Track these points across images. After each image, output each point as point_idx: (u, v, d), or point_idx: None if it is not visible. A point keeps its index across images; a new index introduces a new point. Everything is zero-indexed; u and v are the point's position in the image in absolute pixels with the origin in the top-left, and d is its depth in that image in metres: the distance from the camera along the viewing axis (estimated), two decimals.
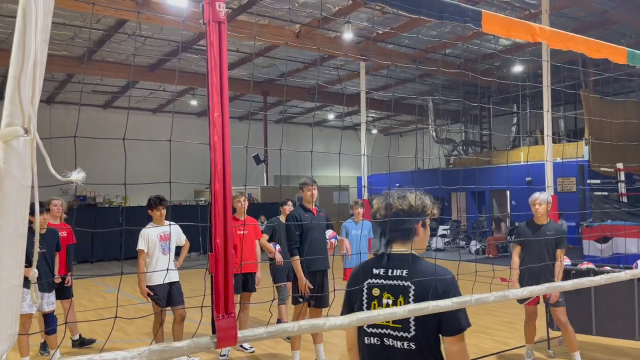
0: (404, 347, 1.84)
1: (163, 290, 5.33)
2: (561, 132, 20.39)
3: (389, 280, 1.91)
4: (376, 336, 1.89)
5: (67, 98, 21.04)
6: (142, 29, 14.43)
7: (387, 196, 2.00)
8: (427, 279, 1.85)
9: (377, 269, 1.96)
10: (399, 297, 1.86)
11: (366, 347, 1.93)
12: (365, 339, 1.93)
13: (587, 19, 14.58)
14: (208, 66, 1.42)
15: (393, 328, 1.86)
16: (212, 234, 1.39)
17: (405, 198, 1.98)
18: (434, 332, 1.85)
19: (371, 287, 1.94)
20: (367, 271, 1.99)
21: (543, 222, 5.05)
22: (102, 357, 1.19)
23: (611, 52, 2.50)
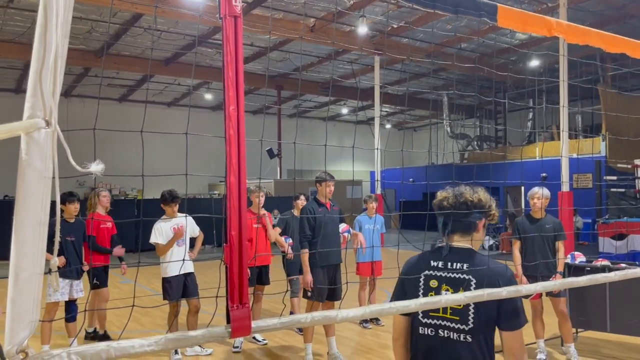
0: (459, 339, 1.88)
1: (178, 282, 5.40)
2: (578, 128, 20.15)
3: (449, 273, 1.94)
4: (431, 327, 1.93)
5: (84, 91, 21.27)
6: (158, 23, 14.52)
7: (459, 187, 2.06)
8: (489, 274, 1.90)
9: (435, 261, 2.00)
10: (459, 290, 1.89)
11: (420, 337, 1.97)
12: (420, 329, 1.97)
13: (606, 13, 14.36)
14: (224, 60, 1.44)
15: (450, 320, 1.90)
16: (227, 226, 1.41)
17: (476, 192, 2.03)
18: (491, 327, 1.90)
19: (428, 279, 1.97)
20: (424, 263, 2.03)
21: (541, 216, 5.21)
22: (120, 344, 1.23)
23: (629, 47, 2.47)
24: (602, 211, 12.92)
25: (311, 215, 5.02)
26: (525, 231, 5.15)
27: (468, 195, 2.01)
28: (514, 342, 1.89)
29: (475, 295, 1.80)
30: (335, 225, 5.20)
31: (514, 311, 1.89)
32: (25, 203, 1.12)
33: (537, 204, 5.18)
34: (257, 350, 5.81)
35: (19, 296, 1.12)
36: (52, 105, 1.13)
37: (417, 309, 1.81)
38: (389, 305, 1.72)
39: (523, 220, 5.32)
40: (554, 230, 5.12)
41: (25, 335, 1.13)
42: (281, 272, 6.65)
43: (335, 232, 5.18)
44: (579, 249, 9.97)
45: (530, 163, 18.78)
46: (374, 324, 6.81)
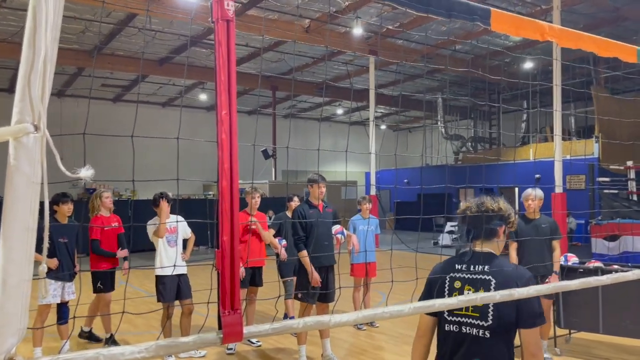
0: (479, 334, 2.05)
1: (172, 283, 5.38)
2: (571, 130, 20.24)
3: (471, 275, 2.13)
4: (455, 324, 2.11)
5: (77, 91, 21.18)
6: (152, 23, 14.47)
7: (480, 197, 2.27)
8: (508, 275, 2.07)
9: (459, 264, 2.19)
10: (479, 289, 2.07)
11: (446, 334, 2.15)
12: (446, 326, 2.15)
13: (599, 16, 14.44)
14: (216, 64, 1.43)
15: (472, 317, 2.06)
16: (219, 231, 1.40)
17: (496, 201, 2.25)
18: (511, 324, 2.04)
19: (453, 280, 2.16)
20: (449, 266, 2.22)
21: (535, 216, 5.29)
22: (110, 351, 1.21)
23: (621, 51, 2.48)
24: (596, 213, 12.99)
25: (303, 220, 5.01)
26: (521, 232, 5.18)
27: (489, 204, 2.22)
28: (530, 339, 2.04)
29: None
30: (327, 227, 5.18)
31: (531, 311, 2.03)
32: (14, 208, 1.11)
33: (531, 206, 5.25)
34: (251, 352, 5.80)
35: (7, 302, 1.10)
36: (41, 109, 1.12)
37: (410, 313, 1.81)
38: (382, 310, 1.72)
39: (519, 222, 5.34)
40: (550, 230, 5.20)
41: (14, 343, 1.12)
42: (275, 274, 6.64)
43: (326, 233, 5.16)
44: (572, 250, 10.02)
45: (524, 164, 18.86)
46: (368, 325, 6.81)
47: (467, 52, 18.10)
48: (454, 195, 22.27)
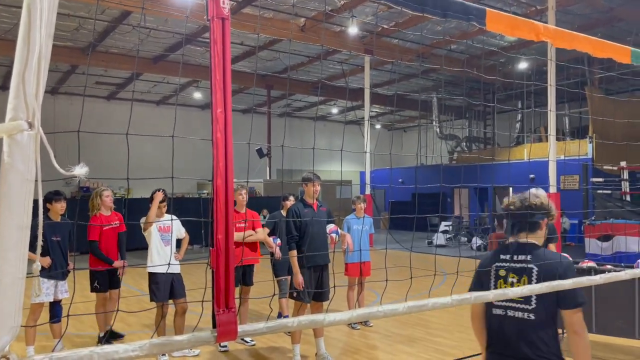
0: (524, 317, 2.25)
1: (165, 282, 5.36)
2: (565, 130, 20.32)
3: (514, 264, 2.33)
4: (501, 308, 2.31)
5: (71, 89, 21.08)
6: (147, 21, 14.42)
7: (522, 193, 2.44)
8: (549, 262, 2.26)
9: (504, 254, 2.39)
10: (522, 277, 2.28)
11: (493, 317, 2.35)
12: (493, 310, 2.35)
13: (594, 16, 14.51)
14: (211, 63, 1.43)
15: (516, 301, 2.26)
16: (213, 230, 1.40)
17: (538, 196, 2.41)
18: (553, 306, 2.25)
19: (498, 269, 2.36)
20: (495, 256, 2.41)
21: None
22: (104, 349, 1.21)
23: (615, 52, 2.49)
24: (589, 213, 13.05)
25: (297, 219, 5.01)
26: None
27: (532, 200, 2.39)
28: (573, 319, 2.24)
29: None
30: (322, 226, 5.18)
31: (572, 293, 2.22)
32: (8, 206, 1.10)
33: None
34: (245, 351, 5.79)
35: (1, 301, 1.10)
36: (35, 107, 1.12)
37: (404, 312, 1.81)
38: (376, 309, 1.72)
39: None
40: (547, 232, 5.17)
41: (7, 341, 1.11)
42: (269, 273, 6.64)
43: (321, 233, 5.16)
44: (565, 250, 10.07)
45: (518, 164, 18.92)
46: (362, 324, 6.82)
47: (462, 52, 18.14)
48: (448, 195, 22.33)
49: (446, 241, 16.93)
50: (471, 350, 5.73)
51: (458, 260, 2.68)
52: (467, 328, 6.65)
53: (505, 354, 2.29)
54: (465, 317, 7.15)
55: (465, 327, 6.72)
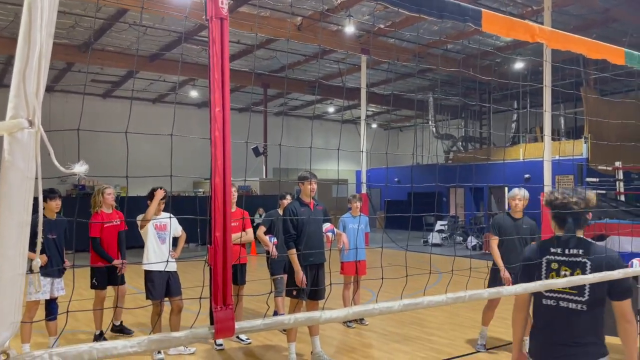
0: (576, 308, 2.38)
1: (161, 280, 5.37)
2: (561, 130, 20.40)
3: (567, 257, 2.44)
4: (553, 299, 2.44)
5: (67, 87, 21.01)
6: (143, 19, 14.39)
7: (569, 190, 2.56)
8: (600, 256, 2.38)
9: (554, 248, 2.50)
10: (576, 270, 2.40)
11: (543, 307, 2.47)
12: (543, 301, 2.47)
13: (589, 17, 14.57)
14: (210, 62, 1.44)
15: (569, 293, 2.40)
16: (211, 227, 1.41)
17: (583, 192, 2.53)
18: (603, 298, 2.38)
19: (550, 262, 2.47)
20: (544, 249, 2.52)
21: (520, 216, 5.45)
22: (103, 345, 1.22)
23: (609, 53, 2.52)
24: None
25: (294, 217, 5.03)
26: (505, 229, 5.37)
27: (582, 194, 2.52)
28: (625, 309, 2.38)
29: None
30: (318, 224, 5.19)
31: (623, 285, 2.37)
32: (8, 204, 1.11)
33: (518, 205, 5.39)
34: (241, 350, 5.81)
35: (1, 297, 1.11)
36: (36, 105, 1.13)
37: (399, 310, 1.83)
38: (372, 306, 1.74)
39: (504, 218, 5.51)
40: (531, 231, 5.40)
41: (7, 336, 1.12)
42: (265, 272, 6.66)
43: (317, 231, 5.17)
44: None
45: (514, 164, 18.98)
46: (357, 323, 6.84)
47: (459, 52, 18.19)
48: (444, 194, 22.38)
49: (442, 240, 16.97)
50: (465, 348, 5.77)
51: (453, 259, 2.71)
52: (461, 327, 6.69)
53: (555, 342, 2.40)
54: (461, 316, 7.20)
55: (460, 325, 6.75)
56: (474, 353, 5.62)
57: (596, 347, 2.39)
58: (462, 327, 6.67)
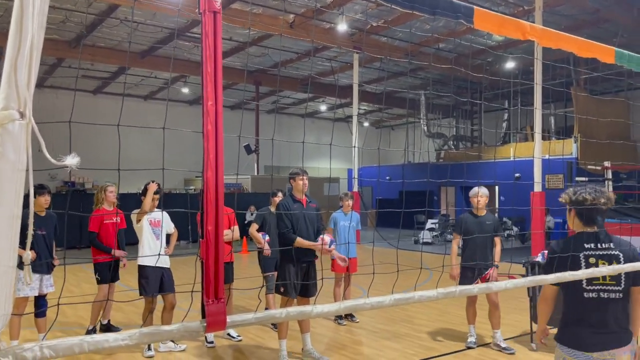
0: (615, 297, 2.61)
1: (155, 276, 5.36)
2: (551, 130, 20.54)
3: (602, 251, 2.64)
4: (594, 292, 2.62)
5: (56, 82, 20.85)
6: (135, 15, 14.30)
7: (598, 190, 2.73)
8: (628, 249, 2.66)
9: (587, 243, 2.68)
10: (612, 263, 2.60)
11: (585, 300, 2.63)
12: (585, 294, 2.63)
13: (580, 17, 14.67)
14: (203, 56, 1.44)
15: (609, 284, 2.61)
16: (204, 221, 1.41)
17: (606, 192, 2.74)
18: (630, 285, 2.64)
19: (587, 257, 2.65)
20: (578, 245, 2.69)
21: (482, 213, 5.70)
22: (94, 338, 1.22)
23: (600, 52, 2.54)
24: None
25: (287, 212, 5.02)
26: (468, 226, 5.61)
27: (607, 194, 2.73)
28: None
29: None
30: (311, 221, 5.19)
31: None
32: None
33: (480, 202, 5.63)
34: (232, 347, 5.80)
35: None
36: (27, 96, 1.12)
37: (390, 305, 1.84)
38: (363, 301, 1.75)
39: (467, 217, 5.75)
40: (494, 227, 5.66)
41: None
42: (257, 269, 6.65)
43: (310, 228, 5.17)
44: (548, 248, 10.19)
45: (504, 163, 19.10)
46: (348, 320, 6.86)
47: (451, 51, 18.25)
48: (435, 193, 22.47)
49: (432, 238, 17.04)
50: (455, 345, 5.80)
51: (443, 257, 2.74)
52: (451, 324, 6.73)
53: (598, 332, 2.60)
54: (450, 314, 7.24)
55: (450, 323, 6.79)
56: (463, 350, 5.65)
57: (628, 331, 2.66)
58: (451, 325, 6.71)
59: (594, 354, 2.57)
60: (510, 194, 17.50)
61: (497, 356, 5.43)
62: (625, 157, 15.98)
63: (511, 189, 16.69)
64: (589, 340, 2.59)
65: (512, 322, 6.72)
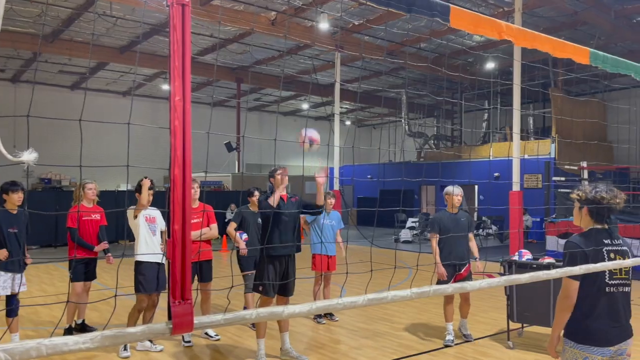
0: (627, 290, 2.78)
1: (152, 272, 5.27)
2: (530, 130, 20.82)
3: (617, 247, 2.78)
4: (614, 286, 2.73)
5: (33, 77, 20.45)
6: (113, 9, 14.08)
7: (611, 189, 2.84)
8: (627, 244, 2.86)
9: (605, 239, 2.79)
10: (625, 257, 2.77)
11: (607, 294, 2.71)
12: (606, 289, 2.71)
13: (559, 19, 14.87)
14: (170, 50, 1.39)
15: (625, 279, 2.76)
16: (170, 220, 1.37)
17: (618, 192, 2.84)
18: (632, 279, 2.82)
19: (609, 252, 2.76)
20: (598, 241, 2.77)
21: (456, 211, 5.88)
22: (52, 341, 1.17)
23: (575, 52, 2.55)
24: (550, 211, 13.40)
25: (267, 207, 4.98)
26: (445, 225, 5.75)
27: (622, 195, 2.84)
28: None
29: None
30: (292, 217, 5.13)
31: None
32: None
33: (454, 200, 5.80)
34: (210, 346, 5.74)
35: None
36: None
37: (363, 305, 1.82)
38: (336, 301, 1.72)
39: (443, 215, 5.92)
40: (468, 223, 5.87)
41: None
42: (235, 267, 6.60)
43: (290, 223, 5.12)
44: (527, 247, 10.31)
45: (484, 163, 19.29)
46: (327, 319, 6.84)
47: (431, 51, 18.35)
48: (416, 191, 22.60)
49: (412, 237, 17.13)
50: (434, 344, 5.83)
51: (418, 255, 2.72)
52: (430, 322, 6.76)
53: (616, 325, 2.71)
54: (430, 312, 7.28)
55: (429, 321, 6.82)
56: (441, 348, 5.68)
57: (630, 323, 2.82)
58: (430, 323, 6.74)
59: (613, 347, 2.67)
60: (490, 193, 17.68)
61: (474, 354, 5.47)
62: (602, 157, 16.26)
63: (490, 188, 16.86)
64: (611, 335, 2.68)
65: (489, 321, 6.78)
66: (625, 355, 2.73)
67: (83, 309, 6.32)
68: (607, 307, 2.71)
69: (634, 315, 2.94)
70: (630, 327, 2.78)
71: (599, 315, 2.69)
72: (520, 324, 6.05)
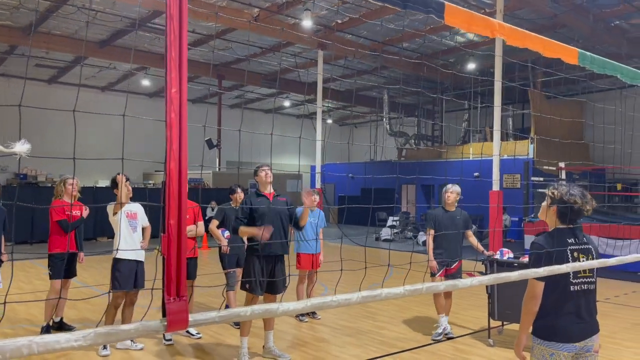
0: (592, 288, 2.82)
1: (130, 270, 5.18)
2: (509, 131, 21.08)
3: (580, 246, 2.82)
4: (579, 284, 2.77)
5: (9, 70, 20.00)
6: (93, 3, 13.83)
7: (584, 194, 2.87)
8: (594, 244, 2.90)
9: (569, 239, 2.82)
10: (589, 257, 2.80)
11: (571, 293, 2.75)
12: (571, 287, 2.74)
13: (539, 22, 15.06)
14: (167, 40, 1.36)
15: (589, 277, 2.80)
16: (165, 214, 1.34)
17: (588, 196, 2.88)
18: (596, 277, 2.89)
19: (572, 252, 2.79)
20: (562, 241, 2.80)
21: (452, 209, 5.94)
22: (44, 339, 1.13)
23: (564, 52, 2.58)
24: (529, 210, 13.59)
25: (246, 207, 4.94)
26: (440, 221, 5.84)
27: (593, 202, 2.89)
28: None
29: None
30: (278, 216, 5.08)
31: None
32: None
33: (450, 197, 5.89)
34: (191, 344, 5.68)
35: None
36: None
37: (357, 302, 1.81)
38: (330, 298, 1.71)
39: (438, 212, 5.99)
40: (464, 221, 5.93)
41: None
42: (217, 266, 6.54)
43: (277, 223, 5.07)
44: (506, 245, 10.44)
45: (465, 162, 19.47)
46: (310, 317, 6.83)
47: (414, 51, 18.44)
48: (396, 190, 22.71)
49: (393, 236, 17.20)
50: (415, 342, 5.85)
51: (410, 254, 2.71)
52: (412, 320, 6.79)
53: (582, 322, 2.75)
54: (412, 310, 7.31)
55: (411, 319, 6.86)
56: (423, 346, 5.71)
57: (596, 319, 2.86)
58: (412, 321, 6.77)
59: (579, 343, 2.70)
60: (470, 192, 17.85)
61: (455, 351, 5.51)
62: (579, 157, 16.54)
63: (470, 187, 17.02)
64: (576, 331, 2.72)
65: (470, 319, 6.84)
66: (593, 351, 2.77)
67: (62, 307, 6.19)
68: (572, 304, 2.75)
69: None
70: (597, 323, 2.83)
71: (564, 312, 2.74)
72: (501, 322, 6.12)
